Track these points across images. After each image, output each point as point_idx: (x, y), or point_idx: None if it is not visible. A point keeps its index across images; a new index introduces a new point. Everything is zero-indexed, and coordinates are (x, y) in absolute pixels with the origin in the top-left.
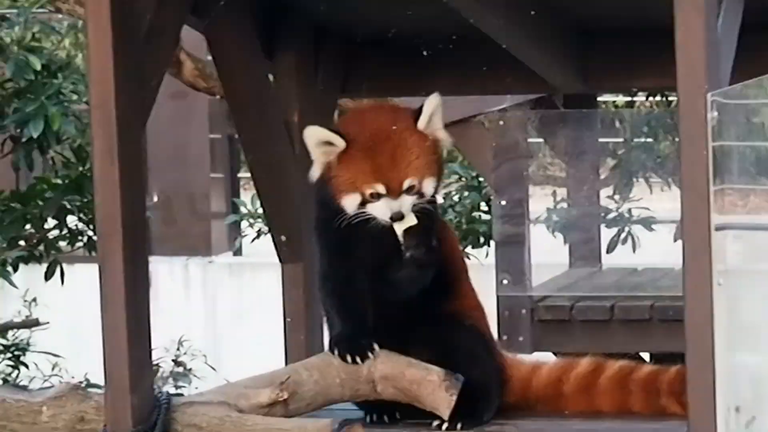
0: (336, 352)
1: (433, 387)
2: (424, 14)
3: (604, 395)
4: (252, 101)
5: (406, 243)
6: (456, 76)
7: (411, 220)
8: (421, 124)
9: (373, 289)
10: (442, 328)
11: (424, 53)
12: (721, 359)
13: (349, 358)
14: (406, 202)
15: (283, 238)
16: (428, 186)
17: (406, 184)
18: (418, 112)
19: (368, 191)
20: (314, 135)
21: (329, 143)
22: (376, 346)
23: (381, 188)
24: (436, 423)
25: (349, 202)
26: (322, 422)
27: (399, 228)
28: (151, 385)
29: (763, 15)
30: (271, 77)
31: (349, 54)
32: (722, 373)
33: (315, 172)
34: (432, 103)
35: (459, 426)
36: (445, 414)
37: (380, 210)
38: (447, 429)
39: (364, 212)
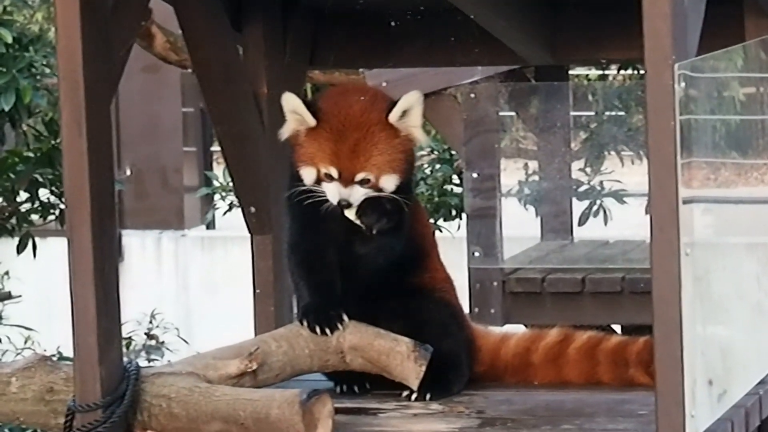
0: (305, 323)
1: (401, 358)
2: None
3: (573, 366)
4: (220, 73)
5: (364, 222)
6: (424, 47)
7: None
8: (392, 117)
9: (342, 261)
10: (412, 301)
11: (392, 24)
12: (688, 330)
13: (318, 329)
14: (357, 192)
15: (252, 209)
16: (388, 182)
17: (358, 177)
18: (396, 104)
19: (323, 170)
20: (290, 103)
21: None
22: (345, 317)
23: (334, 172)
24: (405, 393)
25: (306, 175)
26: (291, 392)
27: (350, 214)
28: (120, 356)
29: None
30: (240, 49)
31: (317, 25)
32: (690, 344)
33: (284, 133)
34: (408, 99)
35: (428, 396)
36: (414, 384)
37: (330, 192)
38: (416, 399)
39: (318, 188)
